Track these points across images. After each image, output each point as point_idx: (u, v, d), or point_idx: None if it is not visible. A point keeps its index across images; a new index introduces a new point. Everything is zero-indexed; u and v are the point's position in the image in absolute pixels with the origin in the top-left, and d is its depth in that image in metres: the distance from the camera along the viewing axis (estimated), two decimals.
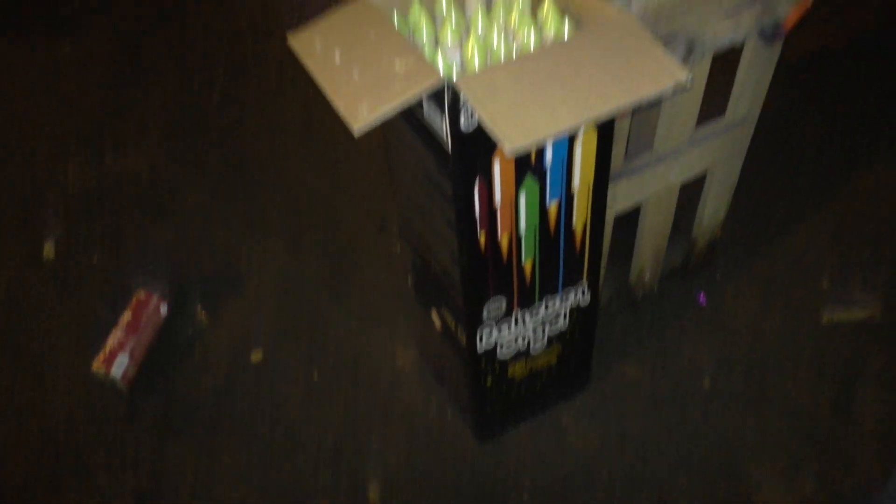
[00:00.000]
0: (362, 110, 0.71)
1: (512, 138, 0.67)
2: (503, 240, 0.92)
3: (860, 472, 1.17)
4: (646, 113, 1.08)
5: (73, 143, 1.84)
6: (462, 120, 0.74)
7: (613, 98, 0.71)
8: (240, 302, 1.47)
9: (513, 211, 0.89)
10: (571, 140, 0.86)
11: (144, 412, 1.31)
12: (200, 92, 1.94)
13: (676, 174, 1.16)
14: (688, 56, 0.95)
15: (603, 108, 0.71)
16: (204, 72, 2.00)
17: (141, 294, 1.39)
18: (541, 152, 0.85)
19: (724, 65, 1.10)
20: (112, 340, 1.32)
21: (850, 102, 1.79)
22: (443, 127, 0.77)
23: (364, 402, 1.31)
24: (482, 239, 0.90)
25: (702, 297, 1.39)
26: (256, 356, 1.38)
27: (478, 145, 0.78)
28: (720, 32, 0.97)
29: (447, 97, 0.73)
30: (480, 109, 0.70)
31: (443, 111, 0.75)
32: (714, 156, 1.19)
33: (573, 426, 1.25)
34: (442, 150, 0.80)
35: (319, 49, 0.81)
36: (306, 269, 1.53)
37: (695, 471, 1.20)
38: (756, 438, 1.22)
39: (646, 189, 1.14)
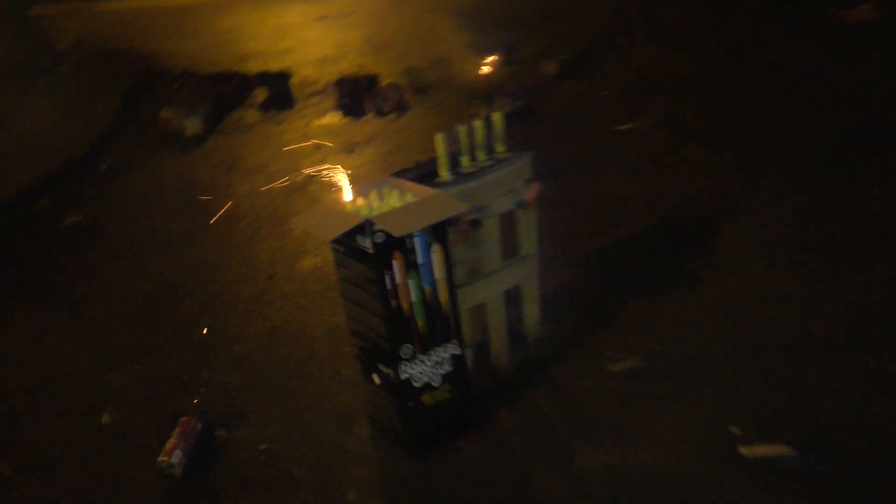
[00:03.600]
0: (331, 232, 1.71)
1: (394, 231, 1.69)
2: (405, 306, 1.87)
3: None
4: (473, 251, 2.11)
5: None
6: (375, 237, 1.75)
7: (435, 217, 1.75)
8: (247, 427, 2.27)
9: (406, 290, 1.86)
10: (429, 250, 1.87)
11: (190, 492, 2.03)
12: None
13: (496, 286, 2.17)
14: (481, 214, 2.02)
15: (430, 220, 1.74)
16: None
17: (185, 418, 2.18)
18: (415, 256, 1.84)
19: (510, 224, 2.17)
20: (169, 443, 2.09)
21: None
22: (368, 243, 1.77)
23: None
24: (394, 304, 1.85)
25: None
26: (263, 447, 2.15)
27: (385, 250, 1.78)
28: (496, 205, 2.06)
29: (369, 227, 1.74)
30: (381, 224, 1.71)
31: (366, 235, 1.75)
32: (517, 276, 2.22)
33: (469, 448, 2.06)
34: (368, 256, 1.79)
35: (309, 216, 1.83)
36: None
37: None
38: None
39: (481, 295, 2.14)
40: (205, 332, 2.76)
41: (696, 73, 5.70)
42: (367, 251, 1.79)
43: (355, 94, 5.67)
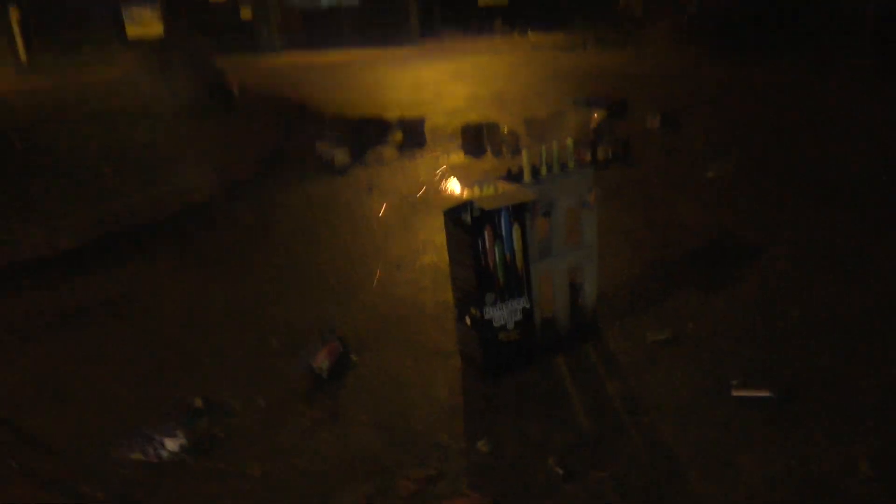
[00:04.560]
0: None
1: (485, 206, 2.53)
2: (491, 265, 2.69)
3: None
4: (546, 239, 2.91)
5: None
6: (473, 212, 2.60)
7: (513, 200, 2.59)
8: (371, 354, 3.13)
9: (493, 253, 2.68)
10: (510, 227, 2.69)
11: (331, 390, 2.90)
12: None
13: (563, 264, 2.94)
14: (551, 207, 2.83)
15: (509, 202, 2.58)
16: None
17: (332, 342, 3.08)
18: (500, 230, 2.67)
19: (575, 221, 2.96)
20: (320, 356, 2.98)
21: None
22: (468, 217, 2.62)
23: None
24: (483, 262, 2.67)
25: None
26: (382, 368, 3.00)
27: (480, 223, 2.62)
28: (563, 202, 2.86)
29: (469, 205, 2.60)
30: (477, 202, 2.57)
31: (468, 211, 2.61)
32: (579, 259, 2.99)
33: (528, 377, 2.82)
34: (467, 226, 2.64)
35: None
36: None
37: None
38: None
39: (552, 268, 2.92)
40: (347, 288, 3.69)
41: (787, 128, 6.33)
42: (467, 223, 2.64)
43: (478, 139, 6.63)
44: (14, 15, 21.09)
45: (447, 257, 2.86)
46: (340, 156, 6.50)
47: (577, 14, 18.36)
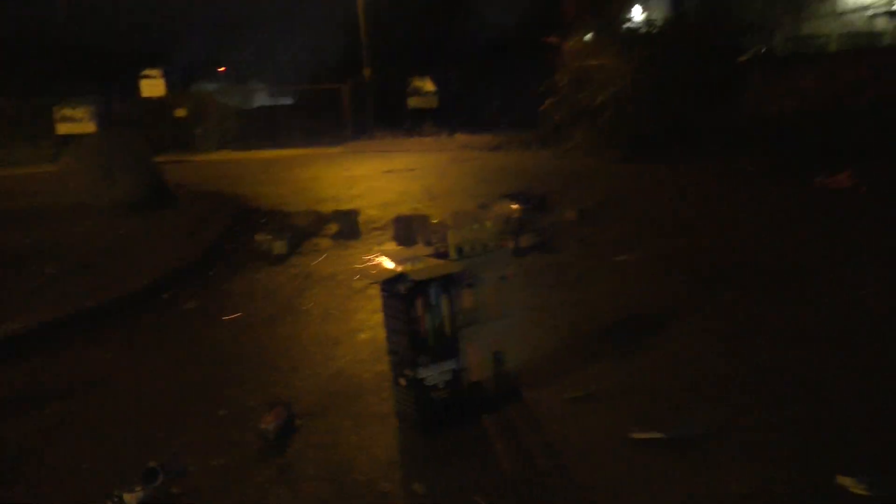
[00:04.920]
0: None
1: (416, 277, 2.96)
2: (422, 330, 3.09)
3: None
4: (472, 310, 3.33)
5: None
6: (407, 284, 3.02)
7: (441, 272, 3.02)
8: (316, 421, 3.42)
9: (424, 320, 3.09)
10: (440, 296, 3.11)
11: (275, 450, 3.17)
12: None
13: (487, 331, 3.36)
14: (473, 281, 3.27)
15: (437, 274, 3.01)
16: None
17: (278, 407, 3.36)
18: (430, 299, 3.09)
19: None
20: (266, 419, 3.26)
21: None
22: (402, 288, 3.03)
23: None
24: (416, 328, 3.07)
25: None
26: (324, 432, 3.29)
27: (412, 292, 3.03)
28: (486, 276, 3.31)
29: (403, 278, 3.02)
30: (410, 275, 2.99)
31: (401, 282, 3.02)
32: (502, 328, 3.42)
33: (460, 433, 3.17)
34: (401, 295, 3.05)
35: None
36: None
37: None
38: None
39: (477, 334, 3.33)
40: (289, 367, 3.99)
41: (687, 222, 7.08)
42: (401, 293, 3.04)
43: (409, 229, 7.12)
44: None
45: (382, 333, 3.25)
46: (278, 246, 6.86)
47: (503, 118, 19.63)
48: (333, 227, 7.58)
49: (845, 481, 2.56)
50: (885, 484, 2.54)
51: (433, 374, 3.14)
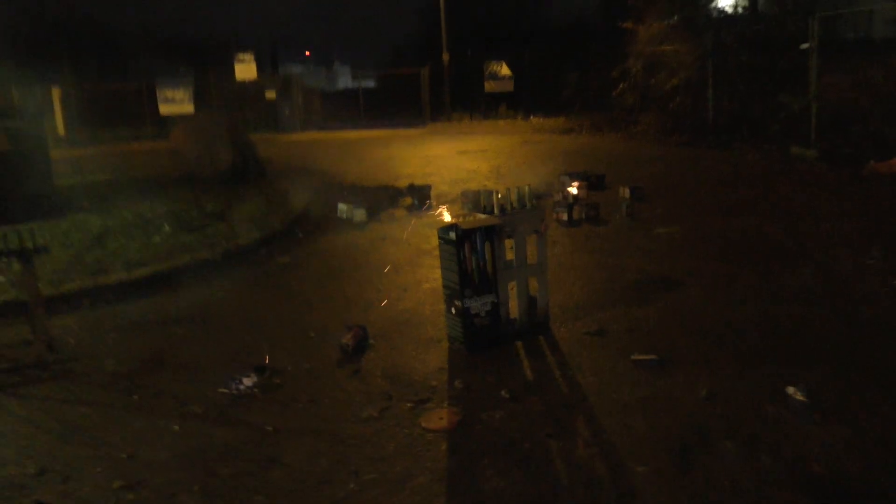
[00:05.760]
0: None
1: (466, 226, 3.86)
2: (469, 269, 3.99)
3: None
4: (512, 259, 4.20)
5: None
6: (458, 232, 3.92)
7: (485, 224, 3.91)
8: (383, 341, 4.37)
9: (471, 261, 3.98)
10: (483, 243, 4.00)
11: (352, 360, 4.13)
12: None
13: (523, 274, 4.22)
14: (512, 233, 4.13)
15: (481, 225, 3.90)
16: None
17: (355, 328, 4.32)
18: (476, 245, 3.98)
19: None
20: (346, 337, 4.22)
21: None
22: (453, 235, 3.93)
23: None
24: (463, 267, 3.97)
25: None
26: (389, 350, 4.24)
27: (461, 239, 3.93)
28: (522, 228, 4.17)
29: (455, 227, 3.92)
30: (462, 225, 3.89)
31: (453, 231, 3.93)
32: (534, 272, 4.27)
33: (495, 352, 4.04)
34: (452, 241, 3.95)
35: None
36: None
37: None
38: None
39: (515, 276, 4.20)
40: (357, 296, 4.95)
41: (732, 203, 7.73)
42: (452, 239, 3.94)
43: (476, 202, 8.01)
44: (56, 94, 23.18)
45: (440, 278, 4.16)
46: (358, 214, 7.89)
47: (576, 101, 20.21)
48: (408, 200, 8.55)
49: (791, 390, 3.31)
50: (819, 393, 3.29)
51: (476, 304, 4.03)
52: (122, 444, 3.29)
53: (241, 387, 3.76)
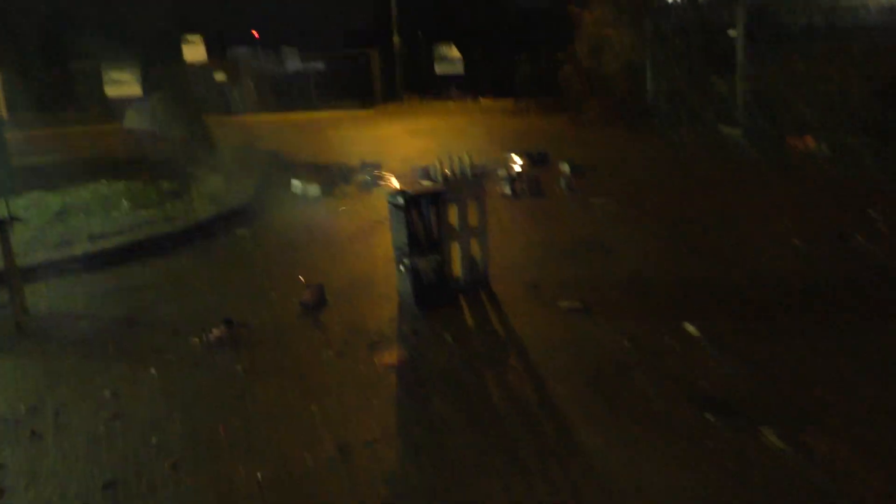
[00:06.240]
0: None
1: (412, 193, 4.34)
2: (417, 231, 4.46)
3: None
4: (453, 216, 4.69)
5: None
6: (406, 197, 4.39)
7: (429, 191, 4.39)
8: (335, 294, 4.82)
9: (418, 223, 4.46)
10: (429, 208, 4.48)
11: (312, 315, 4.58)
12: None
13: (465, 236, 4.72)
14: (455, 199, 4.62)
15: (427, 191, 4.38)
16: None
17: (314, 286, 4.77)
18: (422, 209, 4.45)
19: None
20: (306, 294, 4.66)
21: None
22: (401, 200, 4.41)
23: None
24: (412, 229, 4.44)
25: None
26: (343, 305, 4.70)
27: (409, 204, 4.40)
28: (465, 195, 4.66)
29: (403, 194, 4.39)
30: (409, 192, 4.36)
31: (402, 197, 4.40)
32: (476, 234, 4.77)
33: (442, 308, 4.54)
34: (401, 206, 4.42)
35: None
36: None
37: None
38: None
39: (458, 237, 4.69)
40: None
41: (662, 180, 8.37)
42: (400, 204, 4.41)
43: (425, 175, 8.48)
44: None
45: (391, 240, 4.63)
46: (312, 190, 8.29)
47: (524, 84, 20.78)
48: (360, 176, 8.98)
49: (687, 326, 3.89)
50: (719, 334, 3.88)
51: (423, 263, 4.51)
52: (104, 385, 3.70)
53: (212, 337, 4.18)
